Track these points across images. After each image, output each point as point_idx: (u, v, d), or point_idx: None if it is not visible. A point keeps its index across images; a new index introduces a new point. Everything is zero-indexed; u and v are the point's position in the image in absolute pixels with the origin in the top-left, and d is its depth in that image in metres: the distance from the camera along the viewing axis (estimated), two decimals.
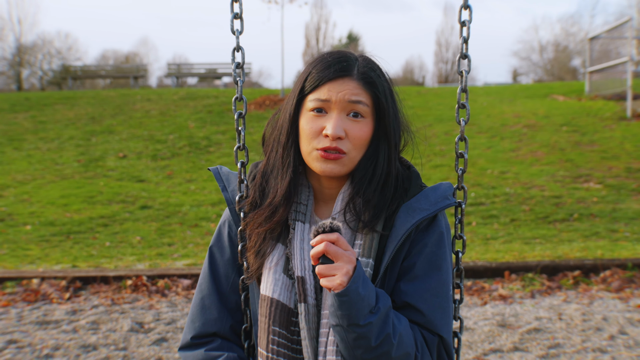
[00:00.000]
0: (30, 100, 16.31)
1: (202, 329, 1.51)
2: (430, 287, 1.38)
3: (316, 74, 1.41)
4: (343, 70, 1.40)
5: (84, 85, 33.40)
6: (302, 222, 1.45)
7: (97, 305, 4.81)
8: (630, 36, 12.41)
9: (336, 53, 1.44)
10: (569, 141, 10.74)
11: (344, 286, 1.24)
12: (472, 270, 5.39)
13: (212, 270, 1.55)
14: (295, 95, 1.43)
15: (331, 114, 1.38)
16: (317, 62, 1.43)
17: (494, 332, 4.10)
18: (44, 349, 3.89)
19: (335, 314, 1.27)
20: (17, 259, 6.33)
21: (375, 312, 1.27)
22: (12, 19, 37.51)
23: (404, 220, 1.39)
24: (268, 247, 1.44)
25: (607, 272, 5.30)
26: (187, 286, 5.24)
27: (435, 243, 1.41)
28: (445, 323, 1.39)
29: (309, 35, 44.90)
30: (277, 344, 1.38)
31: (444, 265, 1.41)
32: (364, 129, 1.39)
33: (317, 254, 1.26)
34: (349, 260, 1.26)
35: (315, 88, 1.40)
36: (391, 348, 1.28)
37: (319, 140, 1.38)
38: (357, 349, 1.28)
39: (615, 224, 7.12)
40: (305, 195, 1.47)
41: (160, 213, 8.31)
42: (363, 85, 1.40)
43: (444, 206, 1.42)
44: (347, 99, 1.37)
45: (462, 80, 1.58)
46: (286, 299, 1.39)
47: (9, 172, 10.61)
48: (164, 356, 3.78)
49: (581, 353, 3.73)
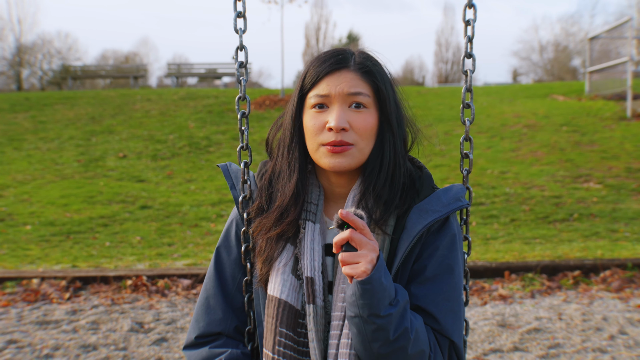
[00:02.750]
0: (30, 100, 16.30)
1: (207, 328, 1.50)
2: (443, 290, 1.37)
3: (313, 70, 1.40)
4: (339, 63, 1.39)
5: (84, 85, 33.39)
6: (313, 222, 1.43)
7: (97, 305, 4.81)
8: (630, 36, 12.40)
9: (332, 49, 1.44)
10: (569, 141, 10.73)
11: (367, 274, 1.22)
12: (472, 270, 5.38)
13: (218, 270, 1.54)
14: (296, 95, 1.42)
15: (332, 107, 1.37)
16: (314, 60, 1.43)
17: (494, 332, 4.10)
18: (44, 349, 3.89)
19: (355, 304, 1.25)
20: (17, 259, 6.33)
21: (395, 304, 1.25)
22: (12, 19, 37.55)
23: (416, 221, 1.37)
24: (276, 252, 1.42)
25: (607, 272, 5.30)
26: (187, 286, 5.24)
27: (447, 246, 1.40)
28: (457, 328, 1.38)
29: (309, 35, 44.89)
30: (284, 345, 1.36)
31: (456, 269, 1.39)
32: (367, 119, 1.37)
33: (342, 241, 1.24)
34: (372, 249, 1.24)
35: (314, 84, 1.39)
36: (408, 343, 1.26)
37: (324, 135, 1.37)
38: (374, 342, 1.25)
39: (615, 224, 7.12)
40: (316, 194, 1.45)
41: (160, 213, 8.31)
42: (361, 76, 1.39)
43: (456, 208, 1.41)
44: (346, 91, 1.36)
45: (466, 79, 1.56)
46: (294, 300, 1.38)
47: (9, 172, 10.60)
48: (164, 356, 3.78)
49: (581, 353, 3.72)
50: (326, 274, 1.40)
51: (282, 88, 16.48)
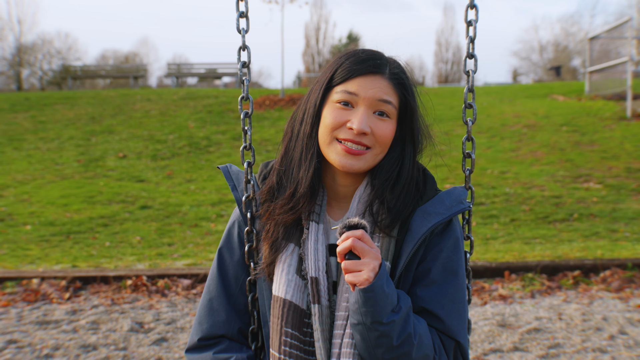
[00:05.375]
0: (30, 100, 16.30)
1: (210, 331, 1.49)
2: (448, 292, 1.38)
3: (349, 65, 1.39)
4: (376, 67, 1.39)
5: (84, 85, 33.39)
6: (316, 223, 1.43)
7: (97, 305, 4.81)
8: (630, 36, 12.40)
9: (370, 51, 1.43)
10: (568, 141, 10.73)
11: (370, 282, 1.23)
12: (472, 270, 5.38)
13: (221, 271, 1.53)
14: (323, 85, 1.41)
15: (358, 108, 1.37)
16: (350, 55, 1.42)
17: (493, 332, 4.10)
18: (44, 348, 3.89)
19: (358, 311, 1.26)
20: (17, 259, 6.33)
21: (397, 311, 1.26)
22: (12, 19, 37.50)
23: (420, 224, 1.38)
24: (283, 240, 1.42)
25: (607, 272, 5.29)
26: (187, 286, 5.23)
27: (451, 248, 1.41)
28: (462, 328, 1.39)
29: (309, 35, 44.86)
30: (290, 345, 1.36)
31: (460, 271, 1.41)
32: (389, 127, 1.38)
33: (344, 250, 1.25)
34: (375, 257, 1.25)
35: (345, 80, 1.38)
36: (412, 348, 1.27)
37: (342, 131, 1.37)
38: (378, 348, 1.27)
39: (615, 224, 7.12)
40: (320, 195, 1.45)
41: (160, 213, 8.30)
42: (394, 86, 1.39)
43: (458, 210, 1.42)
44: (377, 96, 1.36)
45: (468, 80, 1.56)
46: (299, 300, 1.38)
47: (9, 172, 10.60)
48: (163, 356, 3.78)
49: (581, 353, 3.72)
50: (330, 274, 1.40)
51: (282, 88, 16.46)
